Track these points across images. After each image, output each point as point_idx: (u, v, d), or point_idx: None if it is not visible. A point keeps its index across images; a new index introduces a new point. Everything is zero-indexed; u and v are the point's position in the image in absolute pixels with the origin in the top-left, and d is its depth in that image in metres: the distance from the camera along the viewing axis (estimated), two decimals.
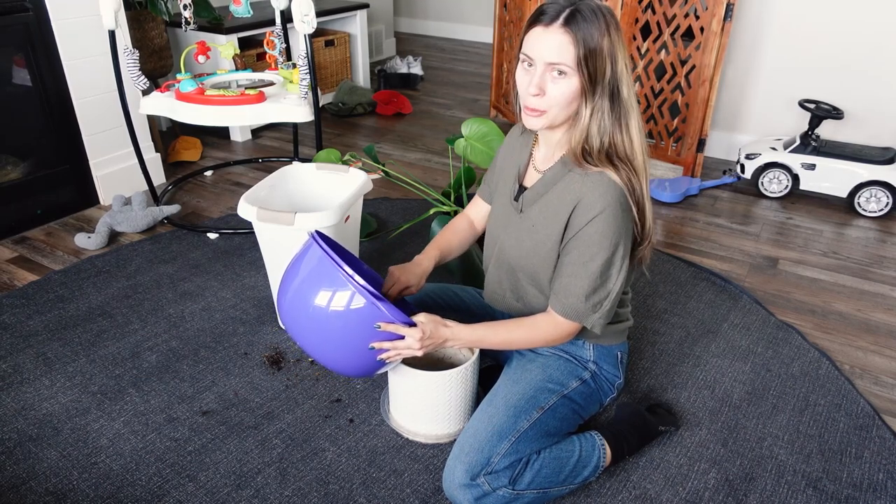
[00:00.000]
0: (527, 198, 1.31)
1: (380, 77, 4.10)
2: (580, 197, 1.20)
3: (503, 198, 1.40)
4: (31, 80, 2.28)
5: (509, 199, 1.37)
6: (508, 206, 1.37)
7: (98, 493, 1.34)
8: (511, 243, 1.34)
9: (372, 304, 1.20)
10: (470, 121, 1.92)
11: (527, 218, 1.31)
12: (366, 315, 1.21)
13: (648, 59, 2.81)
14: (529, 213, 1.30)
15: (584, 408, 1.39)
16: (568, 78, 1.14)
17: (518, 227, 1.33)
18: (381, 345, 1.23)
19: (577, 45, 1.11)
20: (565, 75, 1.14)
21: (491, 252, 1.43)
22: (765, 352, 1.79)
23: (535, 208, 1.29)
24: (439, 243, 1.52)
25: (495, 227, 1.41)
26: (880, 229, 2.49)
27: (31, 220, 2.39)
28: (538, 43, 1.14)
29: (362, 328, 1.22)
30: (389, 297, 1.43)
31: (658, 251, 2.30)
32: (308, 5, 2.11)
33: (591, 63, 1.12)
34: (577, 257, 1.22)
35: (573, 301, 1.24)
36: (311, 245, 1.28)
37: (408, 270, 1.43)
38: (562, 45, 1.12)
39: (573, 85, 1.14)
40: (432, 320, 1.26)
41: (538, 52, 1.14)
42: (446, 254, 1.52)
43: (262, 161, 3.04)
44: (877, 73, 2.69)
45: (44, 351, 1.75)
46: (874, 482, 1.40)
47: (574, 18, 1.11)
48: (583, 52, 1.11)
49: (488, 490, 1.20)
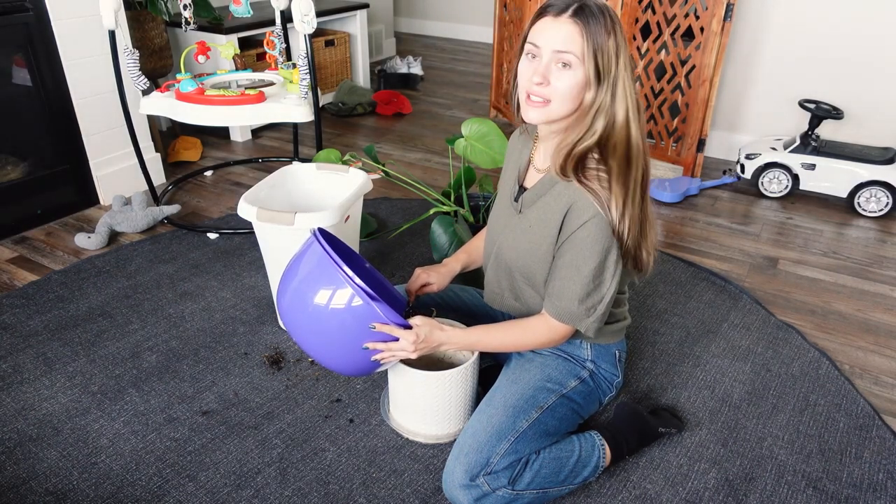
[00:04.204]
0: (526, 198, 1.31)
1: (380, 77, 4.09)
2: (573, 200, 1.20)
3: (504, 198, 1.40)
4: (31, 80, 2.28)
5: (510, 199, 1.37)
6: (509, 207, 1.37)
7: (98, 493, 1.34)
8: (509, 244, 1.35)
9: (367, 304, 1.20)
10: (470, 121, 1.92)
11: (525, 219, 1.31)
12: (361, 314, 1.21)
13: (648, 59, 2.81)
14: (528, 213, 1.30)
15: (583, 407, 1.40)
16: (573, 70, 1.14)
17: (516, 227, 1.33)
18: (374, 345, 1.24)
19: (585, 36, 1.11)
20: (570, 67, 1.14)
21: (490, 252, 1.43)
22: (765, 352, 1.79)
23: (533, 209, 1.29)
24: (467, 248, 1.58)
25: (495, 227, 1.42)
26: (880, 229, 2.49)
27: (31, 220, 2.39)
28: (546, 31, 1.14)
29: (357, 327, 1.22)
30: (410, 294, 1.46)
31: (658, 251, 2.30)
32: (308, 5, 2.11)
33: (598, 57, 1.12)
34: (569, 260, 1.22)
35: (567, 304, 1.24)
36: (312, 243, 1.28)
37: (432, 269, 1.50)
38: (571, 34, 1.12)
39: (577, 77, 1.14)
40: (427, 323, 1.27)
41: (546, 40, 1.14)
42: (475, 258, 1.57)
43: (262, 161, 3.04)
44: (877, 74, 2.69)
45: (44, 351, 1.75)
46: (874, 482, 1.40)
47: (583, 11, 1.12)
48: (590, 45, 1.12)
49: (488, 490, 1.20)
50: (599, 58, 1.12)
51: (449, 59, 4.99)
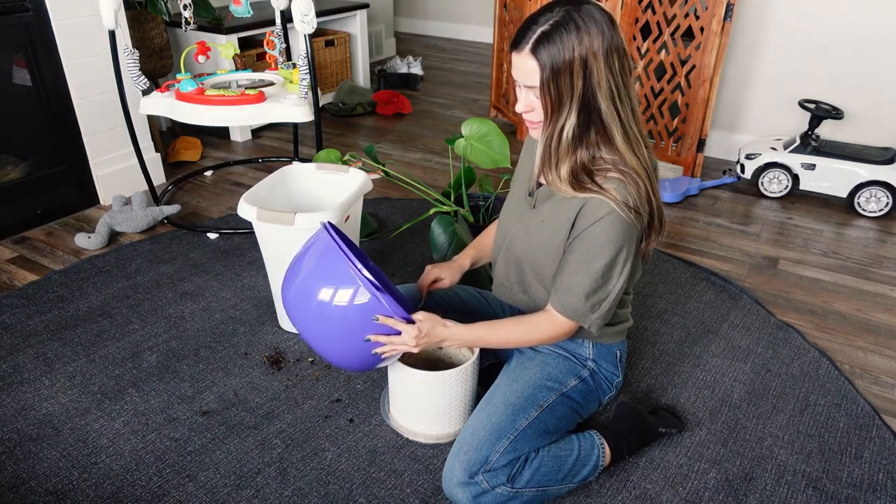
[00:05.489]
0: (541, 193, 1.32)
1: (380, 77, 4.09)
2: (588, 198, 1.20)
3: (518, 192, 1.41)
4: (31, 80, 2.28)
5: (524, 193, 1.38)
6: (522, 201, 1.38)
7: (98, 493, 1.34)
8: (520, 237, 1.35)
9: (373, 296, 1.20)
10: (470, 121, 1.92)
11: (538, 213, 1.31)
12: (366, 306, 1.22)
13: (648, 59, 2.81)
14: (542, 208, 1.31)
15: (583, 406, 1.40)
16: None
17: (529, 221, 1.34)
18: (376, 338, 1.25)
19: (542, 69, 1.13)
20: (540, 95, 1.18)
21: (500, 244, 1.44)
22: (765, 352, 1.79)
23: (547, 204, 1.30)
24: (476, 244, 1.59)
25: (507, 220, 1.43)
26: (880, 229, 2.49)
27: (31, 220, 2.39)
28: (514, 67, 1.19)
29: (361, 319, 1.23)
30: (422, 290, 1.48)
31: (658, 251, 2.30)
32: (308, 5, 2.11)
33: (555, 84, 1.13)
34: (580, 256, 1.23)
35: (573, 300, 1.25)
36: (322, 234, 1.29)
37: (442, 265, 1.51)
38: (531, 70, 1.15)
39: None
40: (430, 319, 1.27)
41: (515, 74, 1.19)
42: (483, 254, 1.58)
43: (262, 161, 3.04)
44: (877, 74, 2.69)
45: (44, 351, 1.75)
46: (874, 482, 1.40)
47: (540, 42, 1.12)
48: (546, 76, 1.13)
49: (487, 488, 1.20)
50: (556, 83, 1.13)
51: (449, 59, 4.99)
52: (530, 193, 1.36)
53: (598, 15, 1.12)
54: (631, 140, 1.19)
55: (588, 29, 1.11)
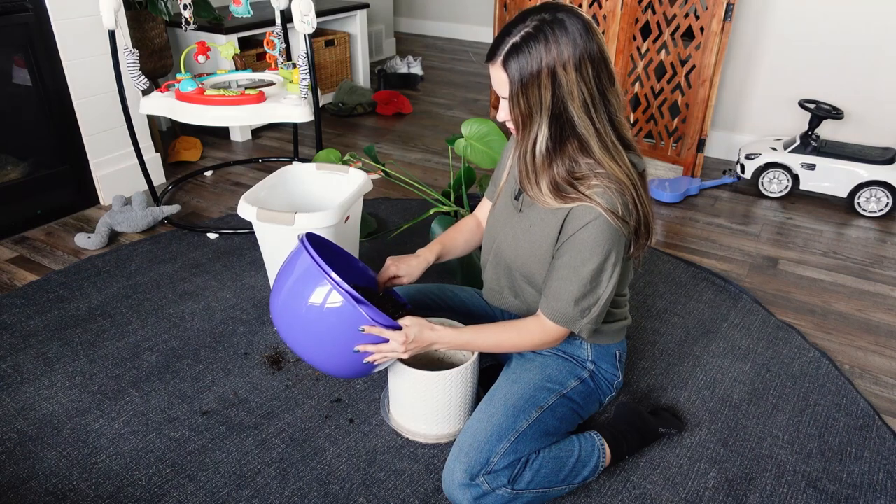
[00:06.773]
0: (527, 198, 1.31)
1: (380, 77, 4.09)
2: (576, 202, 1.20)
3: (505, 196, 1.40)
4: (31, 80, 2.28)
5: (510, 197, 1.37)
6: (509, 205, 1.37)
7: (98, 493, 1.34)
8: (508, 242, 1.35)
9: (353, 307, 1.20)
10: (470, 121, 1.92)
11: (525, 218, 1.31)
12: (348, 317, 1.21)
13: (648, 59, 2.81)
14: (529, 213, 1.30)
15: (583, 407, 1.40)
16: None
17: (516, 226, 1.33)
18: (365, 348, 1.25)
19: (512, 82, 1.14)
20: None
21: (489, 249, 1.43)
22: (765, 352, 1.79)
23: (534, 209, 1.29)
24: (443, 239, 1.55)
25: (494, 224, 1.41)
26: (880, 229, 2.49)
27: (31, 220, 2.39)
28: (491, 79, 1.19)
29: (346, 331, 1.23)
30: (380, 287, 1.44)
31: (658, 251, 2.30)
32: (308, 5, 2.11)
33: (524, 97, 1.13)
34: (568, 261, 1.22)
35: (562, 305, 1.24)
36: (299, 249, 1.28)
37: (402, 260, 1.46)
38: (503, 82, 1.15)
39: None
40: (417, 323, 1.26)
41: (493, 86, 1.20)
42: (449, 249, 1.54)
43: (262, 161, 3.04)
44: (877, 73, 2.69)
45: (44, 351, 1.75)
46: (874, 482, 1.40)
47: (510, 54, 1.12)
48: (515, 89, 1.14)
49: (487, 490, 1.20)
50: (525, 95, 1.13)
51: (449, 59, 4.99)
52: (516, 197, 1.35)
53: (572, 24, 1.10)
54: (609, 149, 1.17)
55: (557, 39, 1.10)
